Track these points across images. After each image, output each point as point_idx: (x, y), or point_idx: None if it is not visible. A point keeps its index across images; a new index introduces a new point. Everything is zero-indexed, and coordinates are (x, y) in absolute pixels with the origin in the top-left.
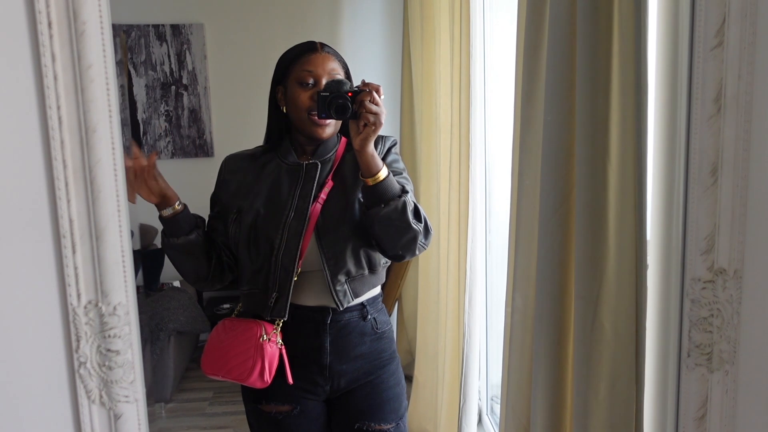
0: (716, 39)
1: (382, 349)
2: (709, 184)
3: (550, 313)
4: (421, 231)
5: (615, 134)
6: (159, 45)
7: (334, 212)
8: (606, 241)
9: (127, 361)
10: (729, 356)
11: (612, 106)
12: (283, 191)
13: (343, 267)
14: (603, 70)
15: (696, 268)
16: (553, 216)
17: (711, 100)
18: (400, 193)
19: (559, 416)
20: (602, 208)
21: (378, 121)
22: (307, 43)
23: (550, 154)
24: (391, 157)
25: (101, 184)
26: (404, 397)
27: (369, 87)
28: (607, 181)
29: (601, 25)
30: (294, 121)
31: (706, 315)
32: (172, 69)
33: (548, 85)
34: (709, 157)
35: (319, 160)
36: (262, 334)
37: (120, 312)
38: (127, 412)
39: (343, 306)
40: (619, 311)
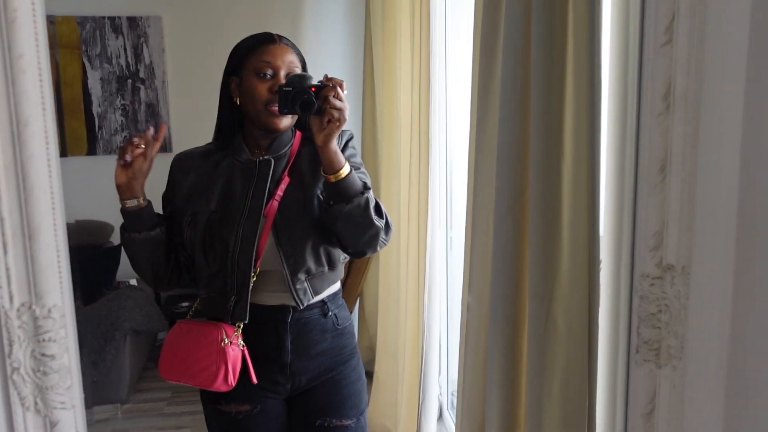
0: (665, 36)
1: (343, 345)
2: (658, 181)
3: (505, 310)
4: (383, 227)
5: (569, 132)
6: (115, 38)
7: (292, 209)
8: (559, 239)
9: (63, 366)
10: (676, 351)
11: (566, 103)
12: (237, 191)
13: (303, 265)
14: (557, 68)
15: (645, 264)
16: (508, 214)
17: (660, 98)
18: (363, 189)
19: (513, 412)
20: (556, 205)
21: (342, 116)
22: (264, 34)
23: (505, 151)
24: (348, 152)
25: (34, 181)
26: (365, 392)
27: (333, 82)
28: (560, 179)
29: (556, 24)
30: (249, 114)
31: (654, 311)
32: (128, 62)
33: (503, 82)
34: (658, 154)
35: (274, 156)
36: (224, 338)
37: (55, 314)
38: (64, 419)
39: (304, 304)
40: (572, 308)
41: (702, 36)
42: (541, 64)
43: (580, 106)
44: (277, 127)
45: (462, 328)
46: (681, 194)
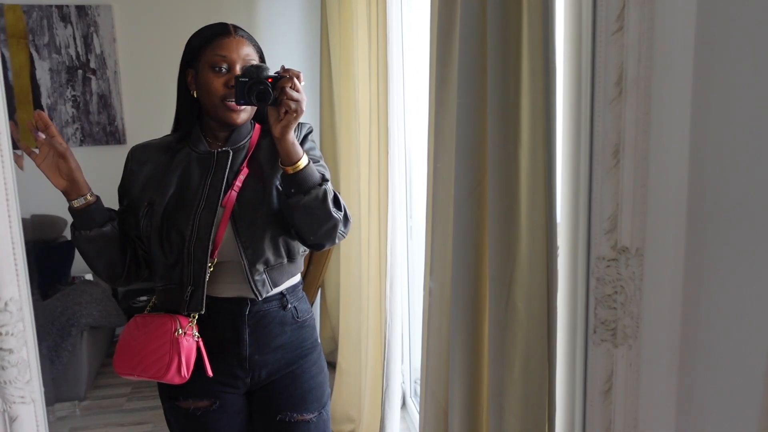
0: (617, 24)
1: (303, 338)
2: (612, 165)
3: (466, 294)
4: (341, 219)
5: (525, 118)
6: (63, 27)
7: (251, 200)
8: (518, 224)
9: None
10: (632, 331)
11: (522, 90)
12: (194, 181)
13: (261, 256)
14: (513, 54)
15: (600, 247)
16: (468, 199)
17: (612, 84)
18: (321, 181)
19: (476, 395)
20: (514, 191)
21: (299, 107)
22: (220, 25)
23: (464, 137)
24: (308, 144)
25: None
26: (327, 385)
27: (289, 73)
28: (518, 165)
29: (511, 11)
30: (206, 107)
31: (610, 292)
32: (78, 52)
33: (461, 69)
34: (611, 139)
35: (232, 147)
36: (177, 328)
37: (12, 308)
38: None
39: (262, 296)
40: (532, 292)
41: (651, 24)
42: (497, 52)
43: (535, 92)
44: (234, 121)
45: (424, 313)
46: (634, 178)
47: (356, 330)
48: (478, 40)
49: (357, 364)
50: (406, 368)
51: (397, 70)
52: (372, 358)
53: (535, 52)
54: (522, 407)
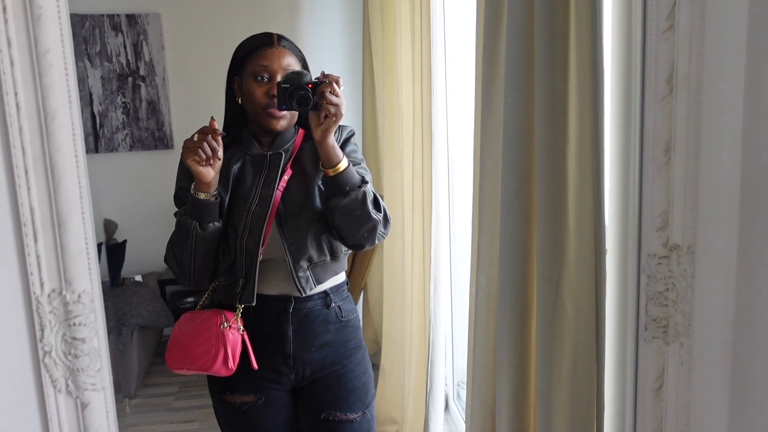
0: (667, 22)
1: (347, 338)
2: (663, 162)
3: (513, 293)
4: (381, 221)
5: (573, 116)
6: (114, 35)
7: (295, 199)
8: (566, 222)
9: (93, 348)
10: (684, 329)
11: (570, 88)
12: (248, 180)
13: (305, 253)
14: (561, 53)
15: (651, 244)
16: (515, 198)
17: (663, 81)
18: (360, 183)
19: (523, 394)
20: (562, 189)
21: (338, 112)
22: (264, 36)
23: (511, 136)
24: (349, 147)
25: (62, 171)
26: (371, 386)
27: (329, 78)
28: (566, 163)
29: (558, 8)
30: (249, 114)
31: (661, 289)
32: (128, 60)
33: (508, 68)
34: (662, 136)
35: (276, 152)
36: (223, 322)
37: (85, 299)
38: (94, 400)
39: (306, 293)
40: (580, 291)
41: (702, 21)
42: (545, 50)
43: (583, 91)
44: (275, 128)
45: (471, 311)
46: (685, 175)
47: (400, 331)
48: (525, 39)
49: (400, 366)
50: (449, 371)
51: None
52: (416, 360)
53: (582, 50)
54: (570, 406)
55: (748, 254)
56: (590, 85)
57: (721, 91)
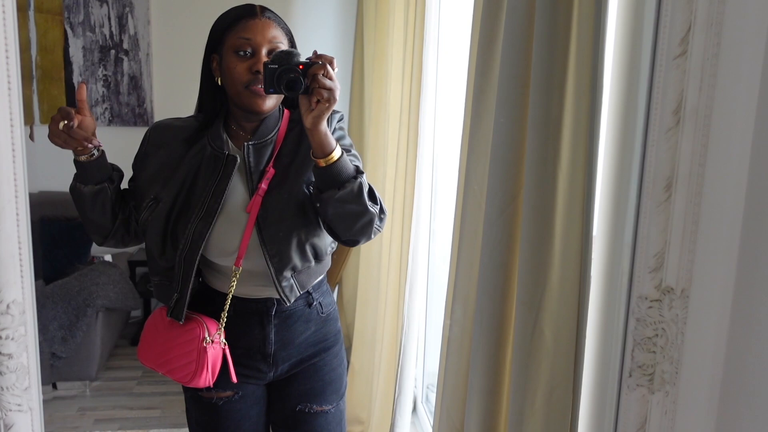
0: (680, 48)
1: (327, 331)
2: (663, 199)
3: (491, 316)
4: (377, 213)
5: (567, 138)
6: (99, 6)
7: (277, 204)
8: (551, 247)
9: (21, 365)
10: (671, 377)
11: (566, 108)
12: (199, 185)
13: (289, 263)
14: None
15: (643, 286)
16: (499, 217)
17: (670, 112)
18: (356, 173)
19: (493, 421)
20: (549, 212)
21: (332, 96)
22: (245, 6)
23: (499, 152)
24: (337, 133)
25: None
26: (345, 376)
27: (322, 59)
28: (556, 185)
29: (560, 24)
30: (230, 94)
31: (650, 335)
32: (112, 32)
33: (501, 83)
34: (664, 171)
35: (259, 142)
36: (205, 337)
37: (14, 311)
38: (20, 422)
39: (290, 301)
40: (561, 319)
41: (717, 50)
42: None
43: (579, 111)
44: (260, 109)
45: (444, 330)
46: (685, 214)
47: (371, 331)
48: (522, 51)
49: (370, 366)
50: (419, 373)
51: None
52: (386, 361)
53: (582, 69)
54: None
55: (744, 301)
56: (587, 106)
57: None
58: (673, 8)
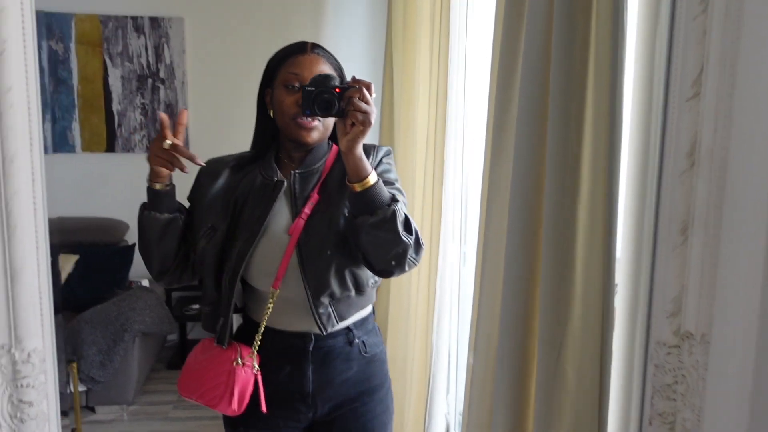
0: (693, 89)
1: (371, 373)
2: (679, 243)
3: (513, 353)
4: (412, 244)
5: (586, 173)
6: (137, 37)
7: (318, 228)
8: (572, 284)
9: (41, 413)
10: (692, 425)
11: (584, 144)
12: (247, 211)
13: (326, 288)
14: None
15: (661, 331)
16: (520, 251)
17: (684, 155)
18: (390, 201)
19: None
20: (569, 249)
21: (367, 120)
22: (297, 44)
23: (519, 187)
24: (382, 167)
25: (18, 219)
26: (390, 424)
27: (359, 83)
28: (575, 222)
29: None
30: (280, 127)
31: (670, 382)
32: (149, 62)
33: (520, 116)
34: (679, 214)
35: (305, 170)
36: (236, 358)
37: (35, 359)
38: None
39: (327, 330)
40: (584, 358)
41: (732, 90)
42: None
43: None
44: (305, 140)
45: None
46: (702, 258)
47: (402, 357)
48: (539, 88)
49: (401, 392)
50: (451, 398)
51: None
52: (416, 390)
53: (600, 107)
54: None
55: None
56: (606, 142)
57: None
58: (684, 50)
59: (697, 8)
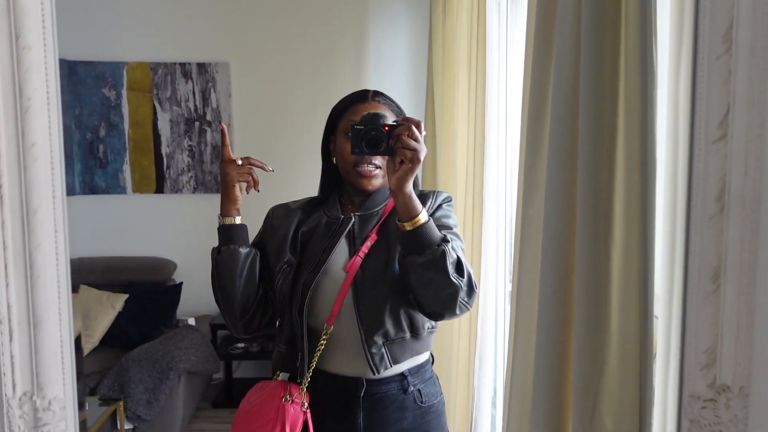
0: (719, 131)
1: (428, 426)
2: (710, 291)
3: (548, 401)
4: (463, 287)
5: (619, 214)
6: (185, 82)
7: (375, 267)
8: (607, 329)
9: None
10: None
11: (616, 183)
12: (315, 246)
13: (380, 327)
14: (606, 144)
15: (695, 384)
16: (553, 296)
17: (713, 199)
18: (440, 241)
19: None
20: (603, 292)
21: (415, 157)
22: (359, 92)
23: (551, 228)
24: (441, 211)
25: (41, 269)
26: None
27: (408, 121)
28: (609, 265)
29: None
30: (342, 173)
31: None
32: (196, 105)
33: (551, 154)
34: (710, 261)
35: (366, 213)
36: (286, 395)
37: (55, 407)
38: None
39: (379, 372)
40: (622, 406)
41: (762, 130)
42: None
43: (631, 188)
44: (365, 188)
45: (504, 414)
46: (737, 305)
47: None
48: (569, 125)
49: None
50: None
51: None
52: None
53: (631, 149)
54: None
55: None
56: (639, 181)
57: None
58: (708, 91)
59: (720, 48)
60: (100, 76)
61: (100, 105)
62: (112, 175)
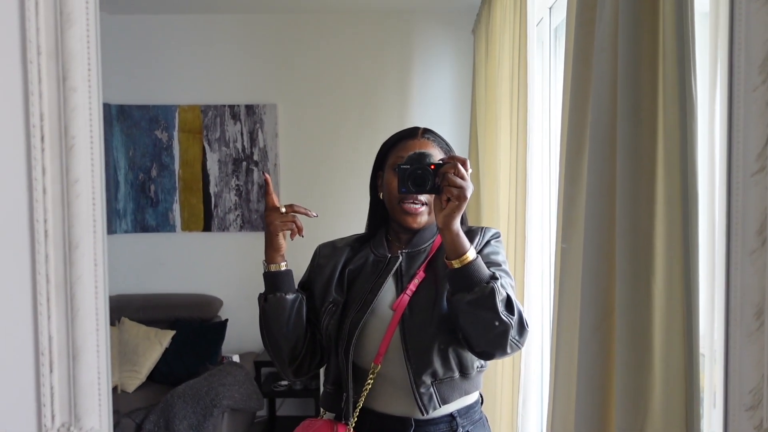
0: (758, 163)
1: None
2: (754, 328)
3: None
4: (514, 325)
5: (660, 249)
6: (233, 123)
7: (423, 305)
8: (651, 369)
9: None
10: None
11: (657, 218)
12: (362, 284)
13: (429, 366)
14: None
15: (740, 426)
16: (593, 334)
17: (754, 233)
18: (489, 279)
19: None
20: (646, 331)
21: (462, 194)
22: (409, 129)
23: (590, 265)
24: (489, 248)
25: (81, 302)
26: None
27: (454, 159)
28: (651, 302)
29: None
30: (388, 210)
31: None
32: (244, 146)
33: (590, 191)
34: (752, 297)
35: (413, 250)
36: None
37: None
38: None
39: (428, 412)
40: None
41: None
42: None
43: (672, 222)
44: (410, 225)
45: None
46: None
47: None
48: (607, 160)
49: None
50: None
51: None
52: None
53: (672, 177)
54: None
55: None
56: (680, 215)
57: None
58: (745, 122)
59: (757, 79)
60: (153, 119)
61: (153, 146)
62: (162, 214)
